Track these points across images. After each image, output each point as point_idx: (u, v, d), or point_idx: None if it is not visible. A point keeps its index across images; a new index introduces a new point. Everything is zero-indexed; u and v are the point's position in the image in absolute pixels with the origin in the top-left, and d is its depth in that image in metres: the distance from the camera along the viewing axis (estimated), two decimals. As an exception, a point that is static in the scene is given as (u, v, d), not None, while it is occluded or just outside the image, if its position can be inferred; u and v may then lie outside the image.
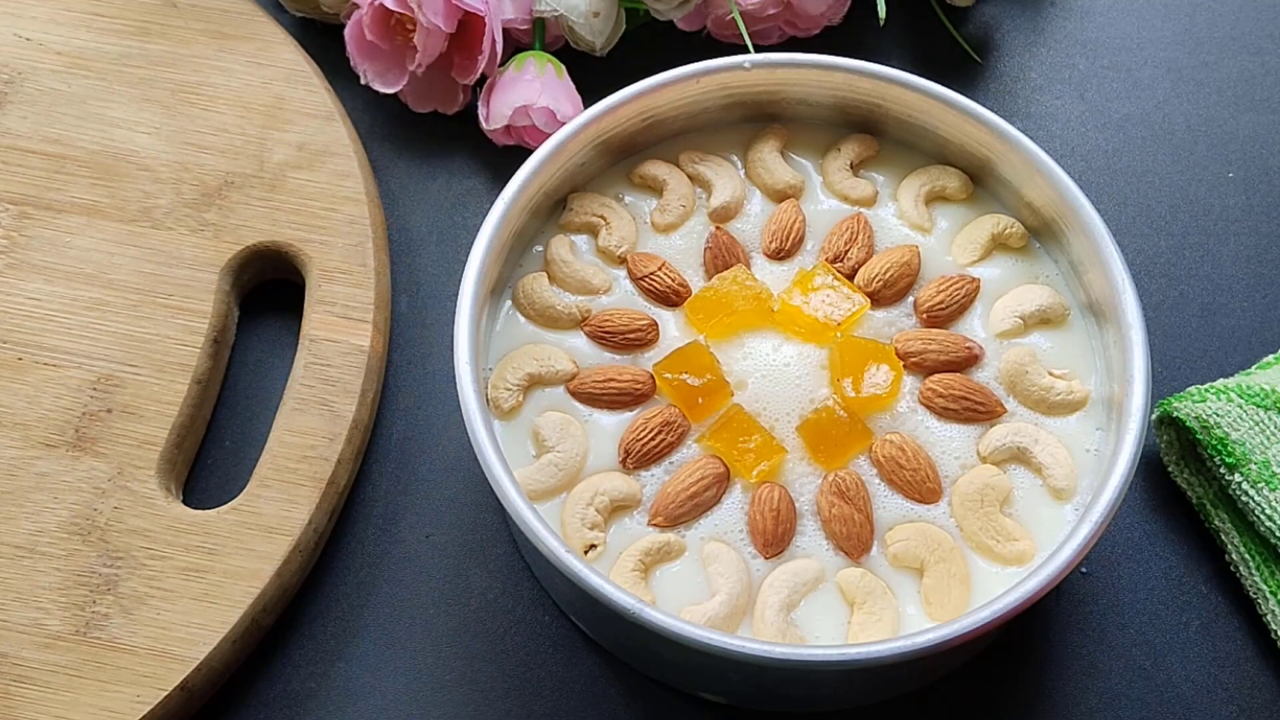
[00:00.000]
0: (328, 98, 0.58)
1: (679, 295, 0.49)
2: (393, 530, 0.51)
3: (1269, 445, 0.47)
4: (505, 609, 0.49)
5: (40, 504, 0.48)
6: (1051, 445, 0.46)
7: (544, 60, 0.58)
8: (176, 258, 0.53)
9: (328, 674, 0.48)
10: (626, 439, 0.46)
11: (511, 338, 0.49)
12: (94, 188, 0.55)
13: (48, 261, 0.53)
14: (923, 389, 0.47)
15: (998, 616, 0.40)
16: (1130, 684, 0.48)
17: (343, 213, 0.55)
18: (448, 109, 0.60)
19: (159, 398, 0.51)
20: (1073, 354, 0.48)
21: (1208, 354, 0.55)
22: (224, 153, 0.56)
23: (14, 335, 0.52)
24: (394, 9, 0.55)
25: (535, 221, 0.51)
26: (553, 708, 0.47)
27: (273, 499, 0.48)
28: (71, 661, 0.46)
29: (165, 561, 0.47)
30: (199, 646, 0.46)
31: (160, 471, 0.49)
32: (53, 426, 0.50)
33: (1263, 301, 0.56)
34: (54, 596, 0.47)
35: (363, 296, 0.53)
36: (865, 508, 0.45)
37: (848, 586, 0.44)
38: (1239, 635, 0.49)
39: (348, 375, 0.51)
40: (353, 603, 0.49)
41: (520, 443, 0.47)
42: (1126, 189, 0.60)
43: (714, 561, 0.44)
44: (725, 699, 0.47)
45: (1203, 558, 0.51)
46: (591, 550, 0.44)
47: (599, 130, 0.50)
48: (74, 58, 0.58)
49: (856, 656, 0.40)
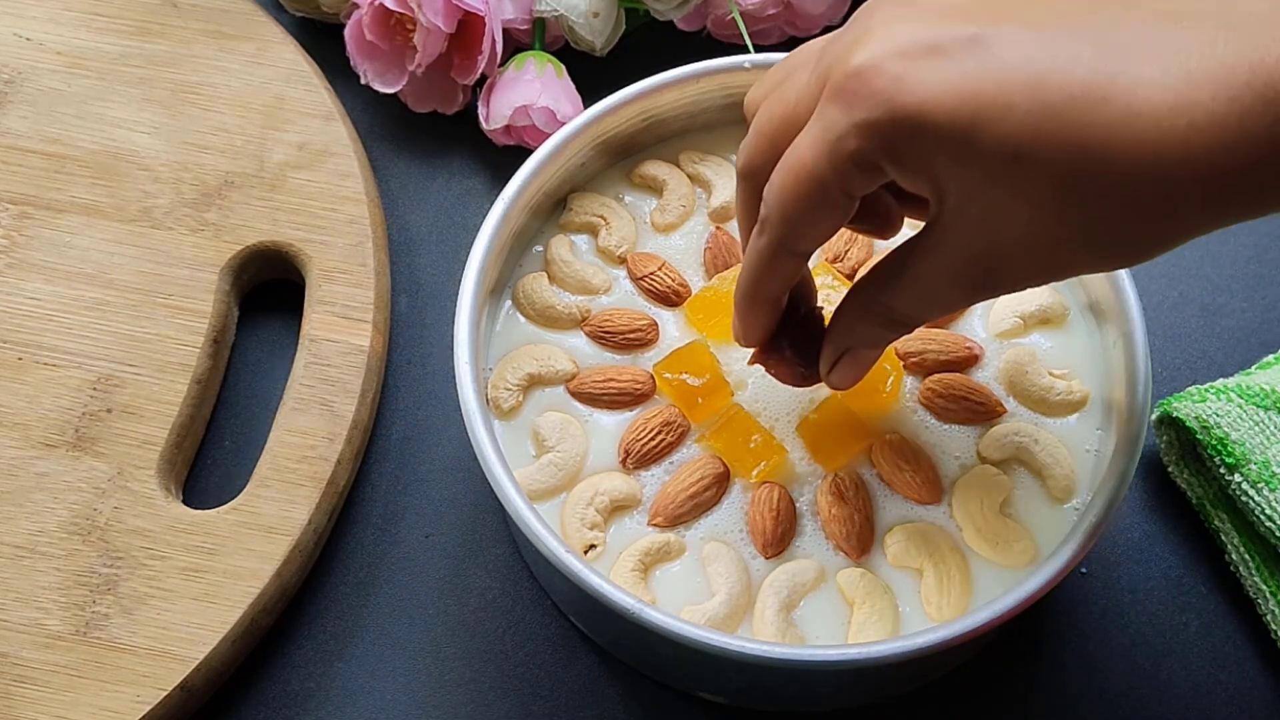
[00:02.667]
0: (328, 98, 0.58)
1: (679, 295, 0.49)
2: (392, 530, 0.51)
3: (1269, 445, 0.47)
4: (505, 609, 0.49)
5: (40, 504, 0.48)
6: (1051, 445, 0.46)
7: (544, 60, 0.58)
8: (176, 258, 0.53)
9: (328, 674, 0.48)
10: (626, 439, 0.46)
11: (511, 338, 0.49)
12: (94, 188, 0.55)
13: (48, 261, 0.53)
14: (923, 389, 0.47)
15: (998, 616, 0.40)
16: (1130, 684, 0.48)
17: (343, 213, 0.55)
18: (448, 109, 0.60)
19: (159, 398, 0.51)
20: (1073, 354, 0.48)
21: (1208, 354, 0.55)
22: (224, 153, 0.56)
23: (14, 335, 0.52)
24: (394, 9, 0.55)
25: (535, 221, 0.51)
26: (552, 708, 0.47)
27: (272, 499, 0.48)
28: (71, 661, 0.46)
29: (165, 561, 0.47)
30: (199, 646, 0.46)
31: (160, 471, 0.49)
32: (53, 426, 0.50)
33: (1263, 301, 0.56)
34: (54, 596, 0.47)
35: (363, 296, 0.53)
36: (865, 508, 0.45)
37: (848, 586, 0.44)
38: (1239, 635, 0.49)
39: (348, 375, 0.51)
40: (353, 603, 0.49)
41: (520, 443, 0.47)
42: (1126, 189, 0.60)
43: (714, 561, 0.44)
44: (725, 699, 0.47)
45: (1203, 558, 0.51)
46: (591, 550, 0.44)
47: (599, 130, 0.50)
48: (74, 58, 0.58)
49: (856, 656, 0.40)
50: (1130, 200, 0.32)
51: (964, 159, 0.32)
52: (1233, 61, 0.30)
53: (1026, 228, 0.33)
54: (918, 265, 0.36)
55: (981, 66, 0.32)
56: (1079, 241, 0.33)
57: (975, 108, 0.32)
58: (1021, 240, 0.34)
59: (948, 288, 0.36)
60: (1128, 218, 0.32)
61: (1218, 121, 0.30)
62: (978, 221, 0.34)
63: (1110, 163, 0.31)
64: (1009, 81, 0.32)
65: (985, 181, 0.33)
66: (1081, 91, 0.31)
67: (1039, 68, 0.32)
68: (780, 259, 0.38)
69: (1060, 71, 0.31)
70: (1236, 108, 0.30)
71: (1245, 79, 0.30)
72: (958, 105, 0.32)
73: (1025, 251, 0.34)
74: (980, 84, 0.32)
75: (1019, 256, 0.34)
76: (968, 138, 0.32)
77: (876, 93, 0.33)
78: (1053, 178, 0.32)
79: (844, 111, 0.33)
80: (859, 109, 0.33)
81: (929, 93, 0.32)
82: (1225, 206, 0.32)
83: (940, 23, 0.33)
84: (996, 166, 0.32)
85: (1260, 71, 0.30)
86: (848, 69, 0.33)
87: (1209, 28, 0.31)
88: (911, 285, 0.36)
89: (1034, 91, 0.31)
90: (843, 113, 0.33)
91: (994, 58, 0.32)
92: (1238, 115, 0.30)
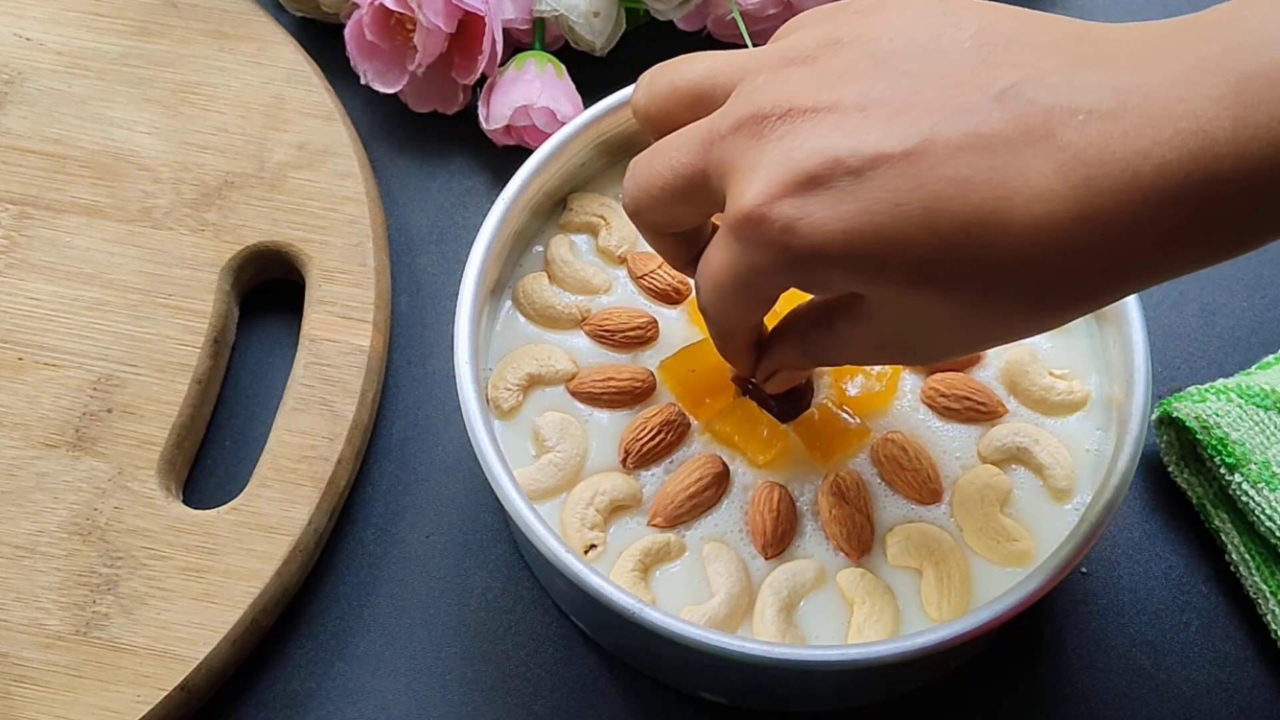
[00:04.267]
0: (328, 98, 0.58)
1: (679, 293, 0.49)
2: (393, 530, 0.51)
3: (1269, 445, 0.47)
4: (505, 609, 0.49)
5: (40, 504, 0.48)
6: (1052, 445, 0.46)
7: (544, 60, 0.58)
8: (176, 258, 0.53)
9: (328, 674, 0.48)
10: (626, 438, 0.46)
11: (511, 338, 0.49)
12: (94, 188, 0.55)
13: (48, 261, 0.53)
14: (924, 388, 0.47)
15: (998, 616, 0.40)
16: (1130, 684, 0.48)
17: (343, 213, 0.55)
18: (448, 109, 0.60)
19: (159, 398, 0.51)
20: (1073, 354, 0.48)
21: (1208, 354, 0.55)
22: (224, 153, 0.56)
23: (14, 335, 0.52)
24: (394, 9, 0.55)
25: (535, 221, 0.51)
26: (552, 707, 0.47)
27: (273, 499, 0.48)
28: (71, 661, 0.46)
29: (165, 561, 0.47)
30: (199, 646, 0.46)
31: (160, 471, 0.49)
32: (53, 426, 0.50)
33: (1263, 301, 0.56)
34: (54, 596, 0.47)
35: (363, 296, 0.53)
36: (865, 508, 0.45)
37: (848, 586, 0.44)
38: (1239, 635, 0.49)
39: (348, 375, 0.51)
40: (353, 603, 0.49)
41: (520, 443, 0.47)
42: (1126, 189, 0.60)
43: (714, 561, 0.44)
44: (725, 699, 0.47)
45: (1203, 558, 0.51)
46: (591, 550, 0.44)
47: (599, 130, 0.50)
48: (74, 58, 0.58)
49: (856, 656, 0.40)
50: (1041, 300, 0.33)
51: (871, 282, 0.34)
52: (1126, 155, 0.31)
53: (943, 324, 0.35)
54: (843, 327, 0.37)
55: (873, 200, 0.32)
56: (996, 330, 0.35)
57: (874, 244, 0.32)
58: (938, 331, 0.35)
59: (871, 352, 0.39)
60: (1041, 312, 0.34)
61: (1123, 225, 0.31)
62: (896, 318, 0.35)
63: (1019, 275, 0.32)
64: (903, 215, 0.32)
65: (897, 294, 0.34)
66: (978, 218, 0.32)
67: (931, 194, 0.32)
68: (733, 336, 0.41)
69: (954, 199, 0.32)
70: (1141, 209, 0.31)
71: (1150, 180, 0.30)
72: (856, 244, 0.33)
73: (942, 339, 0.36)
74: (875, 220, 0.32)
75: (936, 342, 0.36)
76: (870, 267, 0.33)
77: (771, 240, 0.34)
78: (962, 292, 0.33)
79: (745, 250, 0.35)
80: (759, 253, 0.34)
81: (824, 235, 0.33)
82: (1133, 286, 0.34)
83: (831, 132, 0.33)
84: (905, 285, 0.33)
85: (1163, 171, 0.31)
86: (741, 211, 0.34)
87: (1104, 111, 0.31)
88: (836, 341, 0.38)
89: (931, 224, 0.32)
90: (744, 251, 0.35)
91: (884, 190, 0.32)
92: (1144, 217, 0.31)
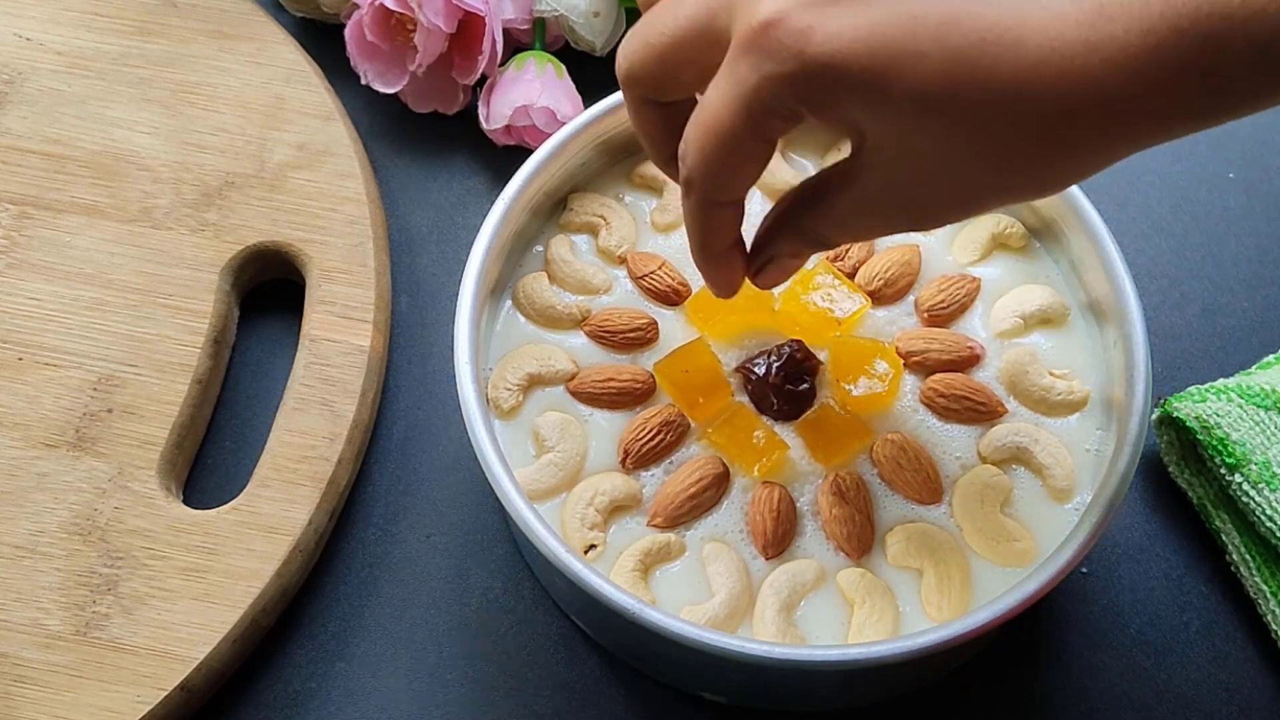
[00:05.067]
0: (328, 98, 0.58)
1: (679, 294, 0.49)
2: (393, 530, 0.51)
3: (1269, 445, 0.47)
4: (506, 609, 0.49)
5: (41, 504, 0.48)
6: (1052, 445, 0.46)
7: (544, 60, 0.58)
8: (176, 258, 0.53)
9: (328, 674, 0.48)
10: (626, 438, 0.46)
11: (511, 338, 0.49)
12: (94, 188, 0.55)
13: (48, 261, 0.53)
14: (924, 388, 0.47)
15: (998, 616, 0.40)
16: (1130, 684, 0.48)
17: (343, 213, 0.55)
18: (448, 109, 0.60)
19: (159, 398, 0.51)
20: (1073, 354, 0.48)
21: (1208, 354, 0.55)
22: (224, 153, 0.56)
23: (14, 335, 0.52)
24: (394, 9, 0.55)
25: (535, 221, 0.51)
26: (553, 708, 0.47)
27: (273, 499, 0.48)
28: (72, 661, 0.46)
29: (165, 561, 0.47)
30: (199, 646, 0.46)
31: (160, 471, 0.49)
32: (53, 426, 0.50)
33: (1263, 301, 0.56)
34: (54, 596, 0.47)
35: (363, 296, 0.53)
36: (865, 508, 0.45)
37: (848, 586, 0.44)
38: (1239, 635, 0.49)
39: (348, 375, 0.51)
40: (353, 603, 0.49)
41: (520, 443, 0.47)
42: (1127, 189, 0.60)
43: (714, 561, 0.44)
44: (725, 699, 0.47)
45: (1203, 558, 0.51)
46: (591, 550, 0.44)
47: (599, 130, 0.50)
48: (74, 58, 0.58)
49: (856, 656, 0.40)
50: (1045, 136, 0.32)
51: (878, 105, 0.33)
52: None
53: (942, 166, 0.34)
54: (839, 195, 0.37)
55: (889, 13, 0.32)
56: (995, 177, 0.34)
57: (886, 57, 0.32)
58: (937, 177, 0.34)
59: (867, 217, 0.37)
60: (1044, 154, 0.33)
61: (1131, 55, 0.31)
62: (895, 160, 0.34)
63: (1025, 103, 0.32)
64: (918, 28, 0.32)
65: (900, 125, 0.33)
66: (992, 35, 0.31)
67: (948, 11, 0.32)
68: (716, 212, 0.39)
69: (969, 15, 0.32)
70: (1151, 39, 0.31)
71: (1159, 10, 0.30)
72: (868, 55, 0.32)
73: (941, 188, 0.35)
74: (889, 32, 0.32)
75: (935, 192, 0.35)
76: (880, 86, 0.32)
77: (786, 46, 0.33)
78: (967, 121, 0.32)
79: (755, 66, 0.33)
80: (770, 62, 0.33)
81: (839, 44, 0.32)
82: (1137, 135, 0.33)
83: None
84: (910, 112, 0.33)
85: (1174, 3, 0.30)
86: (755, 21, 0.33)
87: None
88: (832, 212, 0.37)
89: (944, 38, 0.32)
90: (753, 67, 0.33)
91: (901, 3, 0.32)
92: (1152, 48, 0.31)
